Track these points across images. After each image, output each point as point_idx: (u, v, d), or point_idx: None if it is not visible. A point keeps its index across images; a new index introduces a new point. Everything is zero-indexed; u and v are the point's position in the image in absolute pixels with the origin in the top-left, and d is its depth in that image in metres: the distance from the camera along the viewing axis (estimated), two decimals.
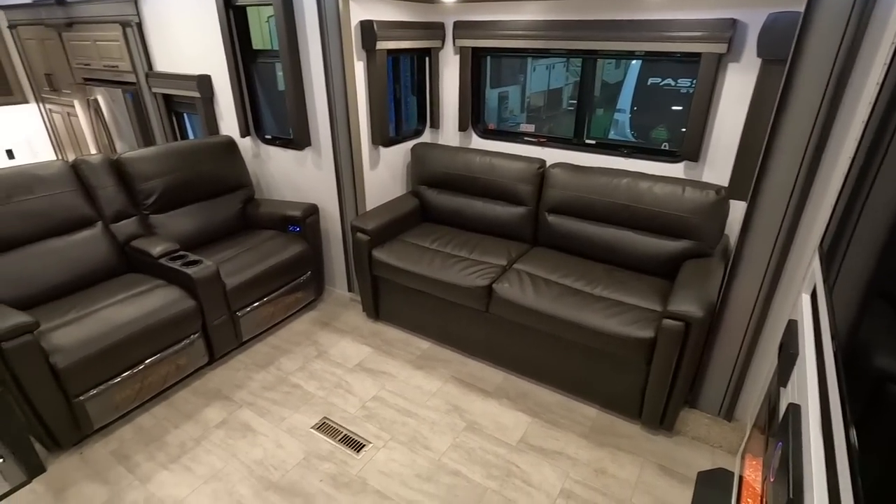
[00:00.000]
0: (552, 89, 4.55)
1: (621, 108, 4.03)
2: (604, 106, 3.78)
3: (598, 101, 3.31)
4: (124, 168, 2.63)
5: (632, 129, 4.04)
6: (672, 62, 2.52)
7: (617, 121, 4.11)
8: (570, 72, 3.55)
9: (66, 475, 1.97)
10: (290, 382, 2.48)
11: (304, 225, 2.93)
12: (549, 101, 4.11)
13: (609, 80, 4.22)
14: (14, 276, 2.19)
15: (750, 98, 2.11)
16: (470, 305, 2.44)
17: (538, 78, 4.06)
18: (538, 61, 4.03)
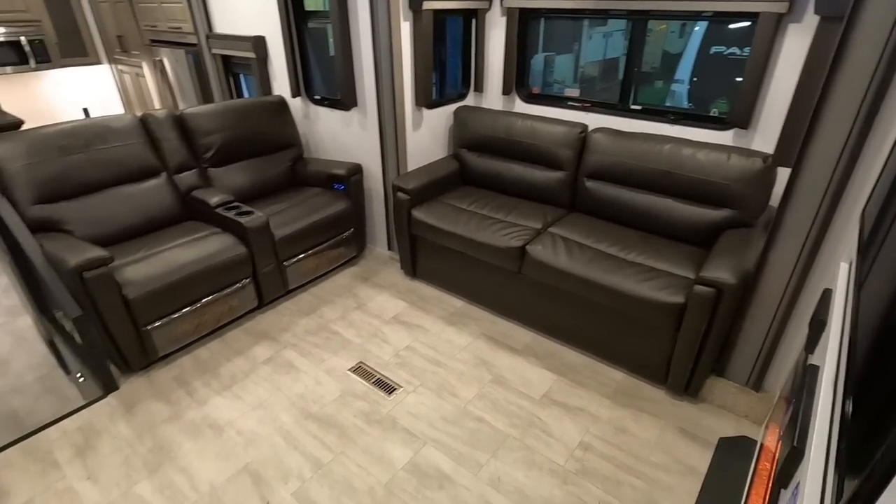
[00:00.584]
0: (609, 59, 4.38)
1: (679, 78, 3.86)
2: (663, 77, 3.64)
3: (658, 71, 3.19)
4: (186, 123, 2.83)
5: (690, 101, 3.86)
6: (737, 31, 2.40)
7: (674, 92, 3.94)
8: (628, 41, 3.41)
9: (136, 394, 2.23)
10: (330, 329, 2.65)
11: (349, 183, 3.05)
12: (604, 71, 3.97)
13: (671, 51, 4.03)
14: (93, 217, 2.45)
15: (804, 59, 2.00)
16: (503, 266, 2.51)
17: (594, 47, 3.92)
18: (595, 29, 3.89)
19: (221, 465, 1.88)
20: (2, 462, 1.91)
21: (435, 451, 1.93)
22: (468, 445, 1.96)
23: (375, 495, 1.76)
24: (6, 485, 1.82)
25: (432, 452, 1.93)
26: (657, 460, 1.89)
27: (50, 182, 2.34)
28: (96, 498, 1.76)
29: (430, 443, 1.97)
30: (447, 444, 1.96)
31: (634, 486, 1.79)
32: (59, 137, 2.41)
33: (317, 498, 1.76)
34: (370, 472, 1.85)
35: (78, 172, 2.43)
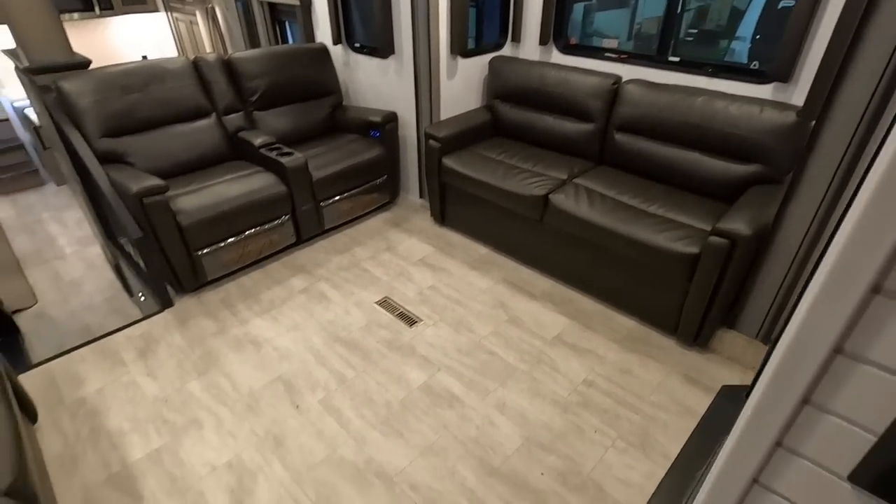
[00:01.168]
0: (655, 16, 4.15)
1: (741, 35, 3.67)
2: (726, 34, 3.47)
3: (721, 29, 3.05)
4: (234, 67, 2.99)
5: (749, 60, 3.67)
6: None
7: (733, 50, 3.75)
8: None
9: (188, 311, 2.51)
10: (361, 267, 2.84)
11: (384, 131, 3.17)
12: (664, 30, 3.79)
13: (739, 6, 3.81)
14: (152, 151, 2.69)
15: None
16: (526, 214, 2.59)
17: (653, 2, 3.74)
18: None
19: (259, 374, 2.13)
20: (78, 357, 2.23)
21: (448, 376, 2.11)
22: (479, 374, 2.12)
23: (391, 408, 1.97)
24: (82, 375, 2.14)
25: (445, 377, 2.10)
26: (657, 400, 1.99)
27: (114, 117, 2.58)
28: (155, 391, 2.05)
29: (444, 369, 2.14)
30: (459, 372, 2.13)
31: (631, 420, 1.91)
32: (122, 77, 2.63)
33: (339, 406, 1.98)
34: (388, 389, 2.05)
35: (138, 110, 2.66)
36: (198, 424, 1.91)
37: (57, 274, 4.04)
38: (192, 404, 1.99)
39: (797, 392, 0.66)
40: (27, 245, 4.46)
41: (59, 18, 2.62)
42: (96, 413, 1.95)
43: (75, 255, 4.29)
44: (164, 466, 1.75)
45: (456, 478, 1.71)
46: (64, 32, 2.65)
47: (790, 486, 0.74)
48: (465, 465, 1.75)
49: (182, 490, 1.68)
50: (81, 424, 1.90)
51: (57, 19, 2.61)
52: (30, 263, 4.19)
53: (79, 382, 2.10)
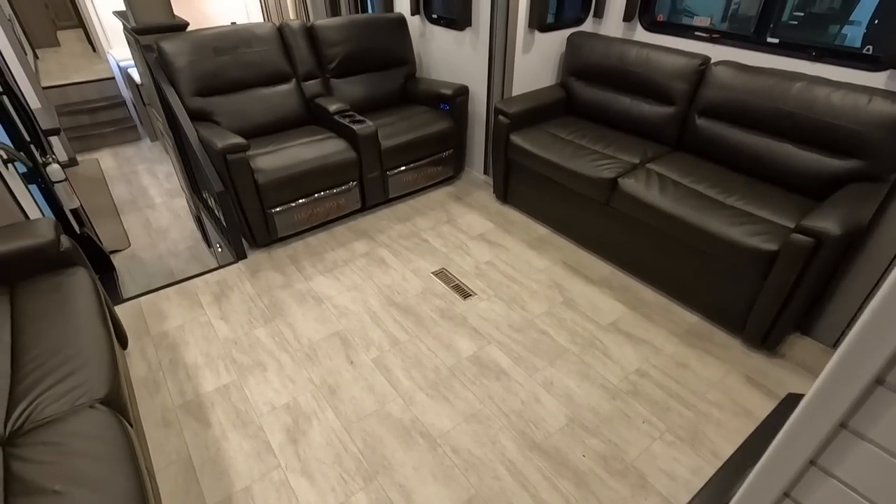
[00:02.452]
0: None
1: (855, 19, 3.31)
2: (837, 18, 3.14)
3: (833, 12, 2.78)
4: (315, 34, 3.09)
5: (862, 45, 3.31)
6: None
7: (845, 35, 3.40)
8: None
9: (259, 263, 2.69)
10: (420, 237, 2.90)
11: (454, 104, 3.17)
12: (764, 10, 3.50)
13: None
14: (236, 112, 2.85)
15: None
16: (592, 196, 2.52)
17: None
18: None
19: (319, 328, 2.26)
20: (164, 296, 2.46)
21: (497, 350, 2.13)
22: (528, 351, 2.13)
23: (440, 373, 2.03)
24: (166, 311, 2.36)
25: (495, 350, 2.13)
26: (713, 398, 1.91)
27: (206, 77, 2.76)
28: (227, 333, 2.23)
29: (494, 343, 2.17)
30: (509, 347, 2.15)
31: (683, 414, 1.85)
32: (214, 39, 2.80)
33: (390, 366, 2.06)
34: (437, 355, 2.11)
35: (227, 71, 2.82)
36: (262, 367, 2.06)
37: (147, 221, 4.45)
38: (257, 348, 2.15)
39: (834, 416, 0.63)
40: (124, 193, 4.92)
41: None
42: (176, 346, 2.16)
43: (163, 206, 4.69)
44: (230, 400, 1.92)
45: (497, 447, 1.75)
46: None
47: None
48: (507, 436, 1.78)
49: (245, 423, 1.83)
50: (163, 355, 2.12)
51: None
52: (125, 210, 4.63)
53: (162, 318, 2.32)
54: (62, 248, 1.73)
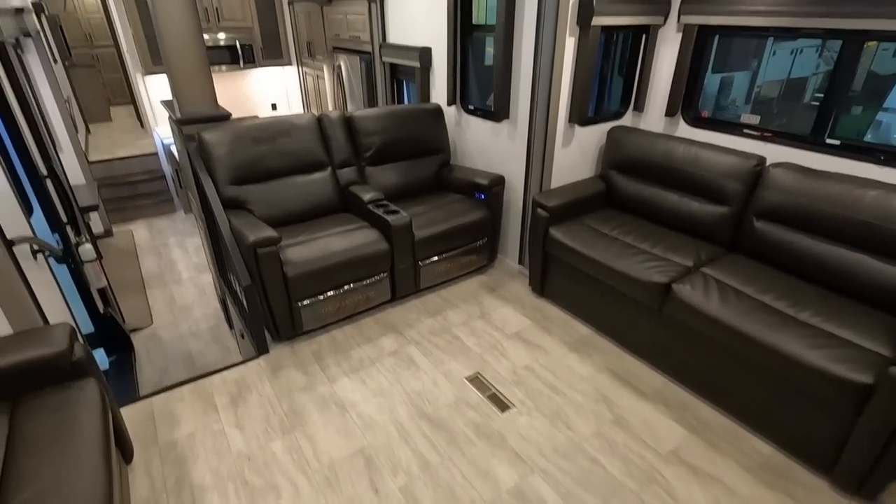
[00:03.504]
0: (793, 79, 3.78)
1: (891, 106, 3.21)
2: (864, 103, 3.06)
3: (858, 96, 2.69)
4: (353, 124, 3.11)
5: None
6: None
7: (880, 122, 3.29)
8: (822, 59, 2.87)
9: (281, 359, 2.52)
10: (452, 333, 2.71)
11: (489, 194, 3.09)
12: (786, 92, 3.47)
13: (879, 72, 3.37)
14: (270, 200, 2.82)
15: None
16: (641, 301, 2.33)
17: (777, 64, 3.44)
18: (779, 44, 3.40)
19: (341, 443, 2.03)
20: (178, 396, 2.29)
21: (542, 481, 1.86)
22: (578, 485, 1.85)
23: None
24: (178, 414, 2.18)
25: (539, 482, 1.86)
26: None
27: (243, 167, 2.76)
28: (241, 445, 2.03)
29: (538, 471, 1.90)
30: (556, 478, 1.88)
31: None
32: (255, 130, 2.82)
33: (421, 498, 1.80)
34: (474, 486, 1.85)
35: (264, 161, 2.82)
36: (276, 492, 1.83)
37: (172, 297, 4.39)
38: (273, 467, 1.93)
39: None
40: (153, 267, 4.92)
41: (210, 74, 2.91)
42: (184, 460, 1.96)
43: (190, 281, 4.65)
44: None
45: None
46: (213, 87, 2.92)
47: None
48: None
49: None
50: (169, 472, 1.91)
51: (208, 75, 2.89)
52: (152, 284, 4.60)
53: (174, 423, 2.13)
54: (74, 357, 1.60)
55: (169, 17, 2.61)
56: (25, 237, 1.90)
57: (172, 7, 2.60)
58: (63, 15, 7.84)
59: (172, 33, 2.66)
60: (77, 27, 8.14)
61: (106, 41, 8.13)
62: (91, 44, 8.33)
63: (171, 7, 2.59)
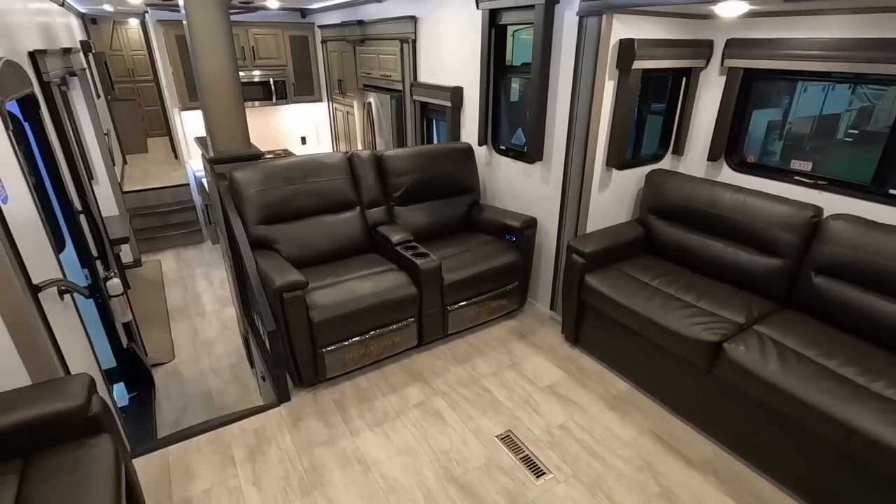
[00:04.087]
0: (825, 115, 3.62)
1: None
2: None
3: None
4: (384, 163, 3.08)
5: None
6: None
7: None
8: (855, 95, 2.72)
9: (302, 408, 2.41)
10: (481, 384, 2.57)
11: (521, 236, 2.99)
12: (818, 128, 3.30)
13: None
14: (298, 240, 2.77)
15: None
16: (688, 359, 2.16)
17: (809, 101, 3.29)
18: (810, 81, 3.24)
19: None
20: (195, 446, 2.19)
21: None
22: None
23: None
24: (194, 468, 2.07)
25: None
26: None
27: (272, 206, 2.72)
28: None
29: None
30: None
31: None
32: (286, 169, 2.80)
33: None
34: None
35: (294, 200, 2.79)
36: None
37: (195, 331, 4.35)
38: None
39: None
40: (178, 299, 4.92)
41: (244, 114, 2.93)
42: None
43: (213, 315, 4.62)
44: None
45: None
46: (246, 127, 2.94)
47: None
48: None
49: None
50: None
51: (242, 115, 2.91)
52: (176, 317, 4.59)
53: (189, 477, 2.03)
54: (91, 412, 1.52)
55: (207, 59, 2.65)
56: (53, 280, 1.86)
57: (211, 50, 2.63)
58: (109, 52, 8.24)
59: (210, 75, 2.69)
60: (121, 63, 8.53)
61: (147, 76, 8.48)
62: (133, 78, 8.70)
63: (209, 50, 2.63)
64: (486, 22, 3.02)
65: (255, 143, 5.49)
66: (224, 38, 2.64)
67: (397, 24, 4.05)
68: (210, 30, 2.60)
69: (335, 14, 5.28)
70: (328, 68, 5.88)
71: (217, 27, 2.61)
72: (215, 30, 2.61)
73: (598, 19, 2.35)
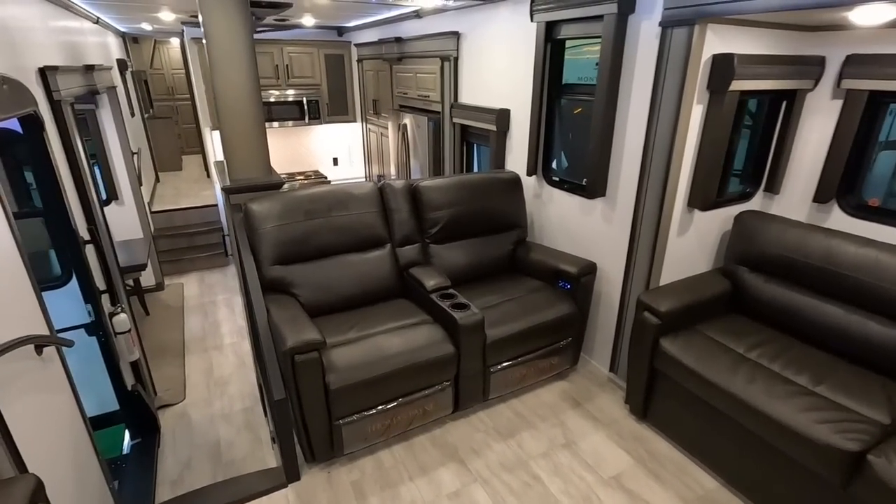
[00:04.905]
0: None
1: None
2: None
3: None
4: (419, 195, 2.69)
5: None
6: None
7: None
8: None
9: (314, 492, 2.00)
10: (530, 470, 2.10)
11: (578, 284, 2.53)
12: None
13: None
14: (318, 283, 2.40)
15: None
16: (809, 467, 1.64)
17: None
18: None
19: None
20: None
21: None
22: None
23: None
24: None
25: None
26: None
27: (291, 244, 2.37)
28: None
29: None
30: None
31: None
32: (308, 201, 2.45)
33: None
34: None
35: (316, 236, 2.43)
36: None
37: (210, 367, 4.03)
38: None
39: None
40: (197, 327, 4.64)
41: (265, 138, 2.61)
42: None
43: (231, 348, 4.30)
44: None
45: None
46: (267, 152, 2.62)
47: None
48: None
49: None
50: None
51: (263, 138, 2.59)
52: (192, 349, 4.29)
53: None
54: None
55: (227, 77, 2.35)
56: (19, 339, 1.53)
57: (230, 67, 2.33)
58: (150, 71, 8.30)
59: (230, 94, 2.39)
60: (161, 81, 8.59)
61: (185, 94, 8.50)
62: (173, 96, 8.74)
63: (229, 67, 2.33)
64: (542, 36, 2.63)
65: (286, 164, 5.19)
66: (244, 53, 2.34)
67: (438, 41, 3.71)
68: (229, 46, 2.30)
69: (372, 31, 5.03)
70: (363, 88, 5.62)
71: (238, 43, 2.31)
72: (236, 46, 2.31)
73: (687, 30, 1.91)
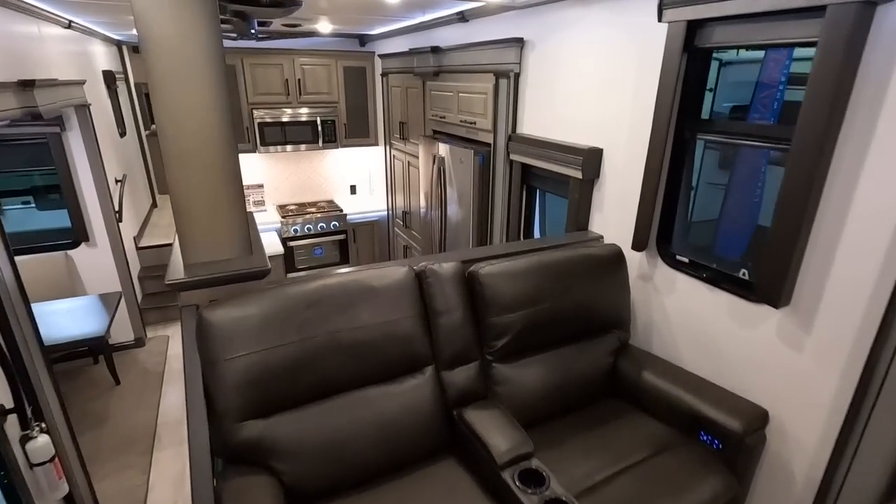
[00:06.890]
0: None
1: None
2: None
3: None
4: (481, 289, 1.73)
5: None
6: None
7: None
8: None
9: None
10: None
11: (738, 446, 1.53)
12: None
13: None
14: (315, 443, 1.44)
15: None
16: None
17: None
18: None
19: None
20: None
21: None
22: None
23: None
24: None
25: None
26: None
27: (273, 382, 1.42)
28: None
29: None
30: None
31: None
32: (304, 304, 1.50)
33: None
34: None
35: (313, 364, 1.48)
36: None
37: (183, 471, 3.08)
38: None
39: None
40: (176, 402, 3.72)
41: (242, 195, 1.69)
42: None
43: None
44: None
45: None
46: (244, 216, 1.70)
47: None
48: None
49: None
50: None
51: (240, 196, 1.67)
52: (164, 437, 3.34)
53: None
54: None
55: (178, 104, 1.44)
56: None
57: (186, 89, 1.42)
58: None
59: (183, 131, 1.47)
60: None
61: None
62: None
63: (182, 89, 1.42)
64: (678, 42, 1.67)
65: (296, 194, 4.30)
66: (207, 67, 1.43)
67: (491, 51, 2.78)
68: (182, 57, 1.40)
69: (401, 40, 4.14)
70: (388, 107, 4.70)
71: (197, 54, 1.41)
72: (193, 57, 1.41)
73: None
